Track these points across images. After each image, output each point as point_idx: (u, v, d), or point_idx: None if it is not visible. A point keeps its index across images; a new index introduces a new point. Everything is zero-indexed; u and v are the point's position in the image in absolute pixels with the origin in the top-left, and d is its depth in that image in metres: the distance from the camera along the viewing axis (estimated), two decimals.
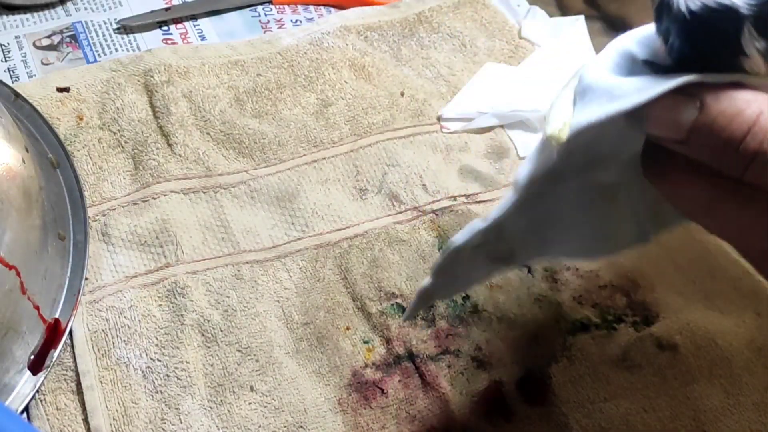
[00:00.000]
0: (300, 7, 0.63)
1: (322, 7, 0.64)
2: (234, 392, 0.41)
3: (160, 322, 0.43)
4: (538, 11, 0.63)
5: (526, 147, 0.54)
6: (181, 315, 0.44)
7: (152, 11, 0.61)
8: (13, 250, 0.40)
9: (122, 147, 0.51)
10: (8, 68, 0.56)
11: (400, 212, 0.50)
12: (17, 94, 0.51)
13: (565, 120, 0.28)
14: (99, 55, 0.58)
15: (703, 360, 0.43)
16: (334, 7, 0.64)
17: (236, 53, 0.57)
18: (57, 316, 0.43)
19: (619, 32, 0.30)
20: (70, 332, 0.43)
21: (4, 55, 0.57)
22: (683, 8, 0.25)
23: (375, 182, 0.51)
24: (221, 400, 0.41)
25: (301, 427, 0.41)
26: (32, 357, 0.41)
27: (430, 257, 0.48)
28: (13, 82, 0.55)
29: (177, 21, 0.61)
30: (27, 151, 0.44)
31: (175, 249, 0.46)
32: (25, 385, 0.40)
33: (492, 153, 0.54)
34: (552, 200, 0.33)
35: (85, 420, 0.40)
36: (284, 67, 0.57)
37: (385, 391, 0.42)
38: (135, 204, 0.48)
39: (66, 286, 0.44)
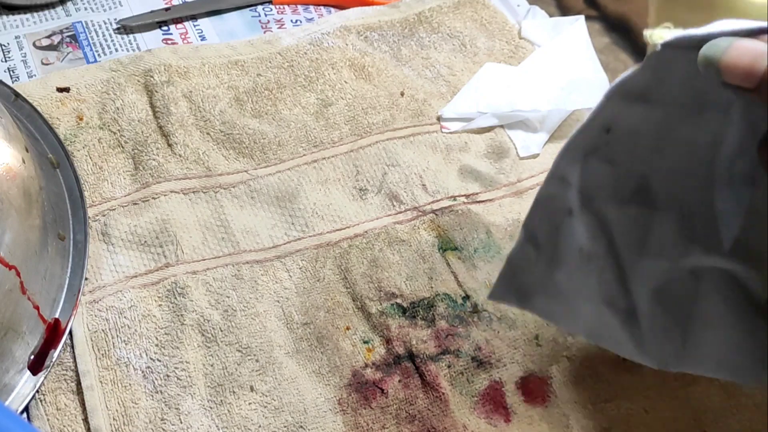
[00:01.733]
0: (300, 7, 0.63)
1: (322, 7, 0.63)
2: (234, 392, 0.41)
3: (160, 322, 0.43)
4: (538, 11, 0.63)
5: (526, 147, 0.54)
6: (181, 315, 0.44)
7: (152, 11, 0.60)
8: (13, 250, 0.40)
9: (122, 147, 0.51)
10: (8, 68, 0.56)
11: (400, 212, 0.50)
12: (17, 94, 0.51)
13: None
14: (99, 55, 0.58)
15: None
16: (334, 7, 0.64)
17: (236, 53, 0.57)
18: (57, 316, 0.43)
19: (619, 32, 0.30)
20: (70, 332, 0.43)
21: (4, 55, 0.57)
22: None
23: (375, 182, 0.51)
24: (221, 400, 0.41)
25: (301, 427, 0.41)
26: (32, 357, 0.41)
27: (429, 257, 0.48)
28: (13, 82, 0.55)
29: (177, 21, 0.61)
30: (27, 151, 0.44)
31: (175, 249, 0.46)
32: (25, 385, 0.40)
33: (492, 153, 0.54)
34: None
35: (85, 420, 0.40)
36: (284, 67, 0.57)
37: (385, 391, 0.42)
38: (135, 204, 0.48)
39: (66, 286, 0.44)
